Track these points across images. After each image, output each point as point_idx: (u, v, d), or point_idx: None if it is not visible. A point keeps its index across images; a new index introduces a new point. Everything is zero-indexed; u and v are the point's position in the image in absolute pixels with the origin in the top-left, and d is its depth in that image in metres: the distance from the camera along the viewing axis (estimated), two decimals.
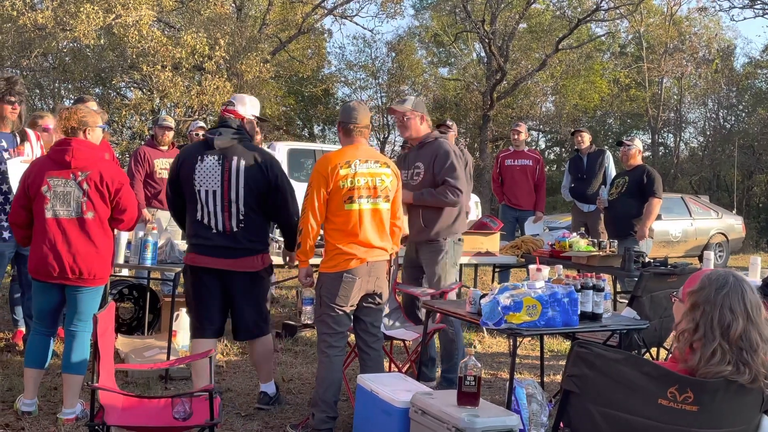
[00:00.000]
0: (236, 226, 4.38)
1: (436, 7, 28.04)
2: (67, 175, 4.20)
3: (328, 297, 4.26)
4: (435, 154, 5.16)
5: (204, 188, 4.38)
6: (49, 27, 15.73)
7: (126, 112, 17.42)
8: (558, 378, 5.66)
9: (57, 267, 4.18)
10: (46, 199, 4.18)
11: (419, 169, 5.23)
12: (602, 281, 4.14)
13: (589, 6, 24.27)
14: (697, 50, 27.52)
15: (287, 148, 12.72)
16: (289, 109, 27.79)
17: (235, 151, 4.40)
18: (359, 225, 4.24)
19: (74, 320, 4.34)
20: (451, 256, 5.28)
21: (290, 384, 5.31)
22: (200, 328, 4.52)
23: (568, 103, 27.38)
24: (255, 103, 4.69)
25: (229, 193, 4.36)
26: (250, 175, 4.38)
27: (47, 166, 4.24)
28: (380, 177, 4.32)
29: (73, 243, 4.19)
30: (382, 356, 4.51)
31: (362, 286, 4.27)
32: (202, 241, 4.42)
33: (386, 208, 4.37)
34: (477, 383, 3.32)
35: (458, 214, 5.30)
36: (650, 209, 7.21)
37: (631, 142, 7.55)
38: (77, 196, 4.20)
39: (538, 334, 4.45)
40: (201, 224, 4.41)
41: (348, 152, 4.31)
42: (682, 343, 2.50)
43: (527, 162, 8.93)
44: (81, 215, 4.21)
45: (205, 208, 4.39)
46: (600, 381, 2.55)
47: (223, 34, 17.21)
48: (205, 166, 4.38)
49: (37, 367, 4.37)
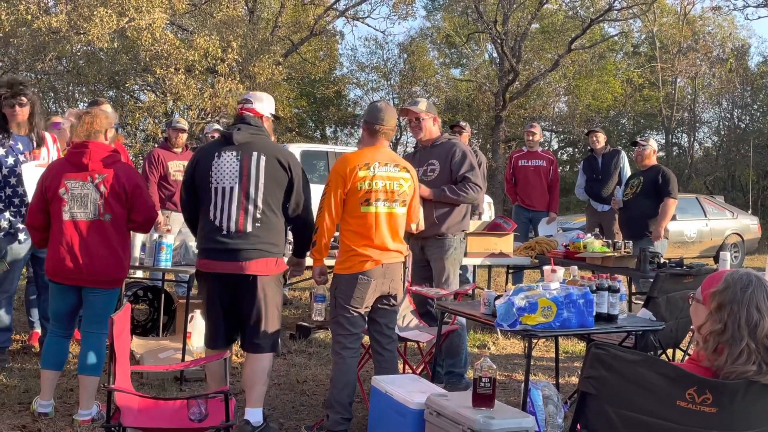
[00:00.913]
0: (251, 225, 4.09)
1: (447, 8, 28.04)
2: (84, 178, 4.23)
3: (342, 298, 4.25)
4: (451, 152, 5.27)
5: (221, 185, 4.11)
6: (63, 31, 15.83)
7: (139, 114, 17.50)
8: (573, 379, 5.63)
9: (74, 269, 4.20)
10: (64, 201, 4.21)
11: (434, 165, 5.30)
12: (617, 282, 4.12)
13: (601, 6, 24.18)
14: (711, 50, 27.37)
15: (300, 149, 12.73)
16: (301, 111, 27.84)
17: (254, 147, 4.16)
18: (375, 228, 4.23)
19: (91, 322, 4.37)
20: (459, 251, 5.36)
21: (304, 385, 5.31)
22: (212, 339, 4.28)
23: (581, 104, 27.29)
24: (271, 101, 4.51)
25: (248, 189, 4.09)
26: (271, 170, 4.14)
27: (65, 169, 4.27)
28: (398, 181, 4.31)
29: (90, 245, 4.22)
30: (396, 358, 4.50)
31: (377, 288, 4.26)
32: (212, 244, 4.12)
33: (402, 213, 4.36)
34: (492, 385, 3.30)
35: (467, 211, 5.42)
36: (665, 209, 7.17)
37: (646, 142, 7.52)
38: (94, 199, 4.22)
39: (554, 335, 4.43)
40: (212, 226, 4.11)
41: (368, 154, 4.30)
42: (710, 345, 2.46)
43: (541, 162, 8.90)
44: (98, 217, 4.24)
45: (219, 206, 4.11)
46: (617, 383, 2.53)
47: (236, 36, 17.26)
48: (223, 162, 4.13)
49: (54, 369, 4.39)
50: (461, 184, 5.21)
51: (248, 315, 4.15)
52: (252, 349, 4.17)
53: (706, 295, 2.53)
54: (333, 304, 4.33)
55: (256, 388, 4.15)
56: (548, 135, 30.21)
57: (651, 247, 7.00)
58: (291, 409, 4.79)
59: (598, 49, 25.99)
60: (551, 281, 4.03)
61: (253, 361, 4.17)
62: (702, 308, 2.54)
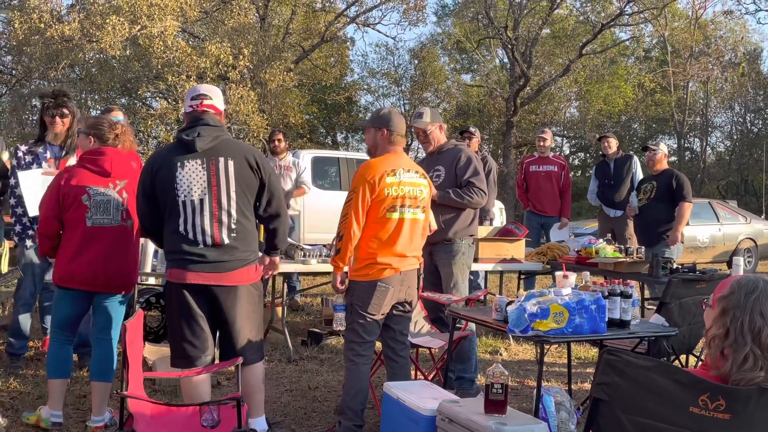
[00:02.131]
0: (227, 237, 3.84)
1: (458, 14, 28.05)
2: (106, 184, 4.26)
3: (359, 305, 4.22)
4: (456, 158, 5.34)
5: (189, 198, 3.81)
6: (76, 39, 15.96)
7: (151, 122, 17.59)
8: (585, 385, 5.61)
9: (92, 275, 4.22)
10: (87, 208, 4.21)
11: (439, 172, 5.37)
12: (630, 288, 4.10)
13: (612, 11, 24.15)
14: (722, 54, 27.28)
15: (311, 156, 12.74)
16: (312, 117, 27.90)
17: (219, 151, 3.86)
18: (398, 234, 4.21)
19: (103, 329, 4.38)
20: (467, 257, 5.37)
21: (316, 392, 5.31)
22: (188, 358, 3.89)
23: (593, 109, 27.25)
24: (222, 95, 4.18)
25: (220, 200, 3.83)
26: (241, 174, 3.87)
27: (86, 176, 4.27)
28: (420, 188, 4.32)
29: (112, 251, 4.24)
30: (409, 364, 4.49)
31: (394, 295, 4.25)
32: (186, 255, 3.82)
33: (423, 219, 4.38)
34: (504, 391, 3.29)
35: (474, 217, 5.45)
36: (682, 213, 7.15)
37: (656, 146, 7.50)
38: (117, 204, 4.26)
39: (566, 341, 4.41)
40: (185, 239, 3.83)
41: (392, 160, 4.27)
42: (713, 350, 2.47)
43: (552, 168, 8.89)
44: (121, 223, 4.27)
45: (190, 220, 3.82)
46: (630, 389, 2.52)
47: (247, 43, 17.34)
48: (188, 173, 3.82)
49: (64, 377, 4.37)
50: (466, 189, 5.27)
51: (232, 327, 3.92)
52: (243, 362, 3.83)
53: (715, 299, 2.53)
54: (349, 311, 4.30)
55: (253, 398, 4.04)
56: (559, 140, 30.18)
57: (667, 251, 6.98)
58: (303, 416, 4.79)
59: (609, 53, 25.95)
60: (563, 287, 4.02)
61: (246, 374, 3.97)
62: (711, 312, 2.54)
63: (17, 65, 21.12)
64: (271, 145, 8.40)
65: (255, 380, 4.04)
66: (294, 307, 8.40)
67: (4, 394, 4.94)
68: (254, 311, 4.01)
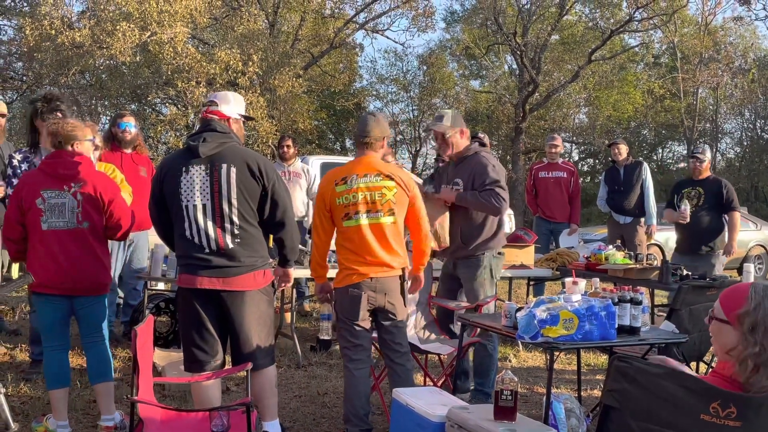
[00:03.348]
0: (232, 242, 3.87)
1: (467, 20, 28.04)
2: (60, 187, 4.21)
3: (340, 311, 4.33)
4: (474, 168, 5.13)
5: (192, 203, 3.86)
6: (86, 45, 16.04)
7: (161, 127, 17.66)
8: (594, 392, 5.59)
9: (62, 278, 4.19)
10: (41, 212, 4.19)
11: (458, 185, 5.18)
12: (640, 294, 4.09)
13: (621, 17, 24.11)
14: (732, 60, 27.18)
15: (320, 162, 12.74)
16: (321, 123, 27.94)
17: (223, 158, 3.88)
18: (361, 241, 4.22)
19: (89, 333, 4.38)
20: (489, 270, 5.22)
21: (325, 397, 5.31)
22: (197, 362, 3.94)
23: (602, 115, 27.20)
24: (240, 101, 4.20)
25: (221, 206, 3.85)
26: (242, 182, 3.87)
27: (40, 180, 4.25)
28: (380, 191, 4.25)
29: (72, 254, 4.21)
30: (410, 369, 4.44)
31: (369, 301, 4.25)
32: (194, 261, 3.88)
33: (389, 222, 4.27)
34: (514, 398, 3.29)
35: (498, 229, 5.24)
36: (734, 224, 7.12)
37: (703, 154, 7.35)
38: (72, 207, 4.22)
39: (575, 348, 4.40)
40: (191, 244, 3.89)
41: (347, 168, 4.33)
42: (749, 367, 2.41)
43: (561, 174, 8.88)
44: (76, 225, 4.23)
45: (195, 225, 3.87)
46: (641, 396, 2.51)
47: (257, 49, 17.37)
48: (192, 178, 3.87)
49: (63, 386, 4.31)
50: (485, 193, 5.01)
51: (240, 332, 3.94)
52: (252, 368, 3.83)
53: (733, 316, 2.48)
54: (336, 318, 4.41)
55: (266, 402, 4.06)
56: (568, 146, 30.11)
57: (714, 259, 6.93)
58: (312, 422, 4.79)
59: (618, 60, 25.89)
60: (573, 293, 4.01)
61: (258, 378, 4.00)
62: (729, 329, 2.48)
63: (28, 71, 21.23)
64: (280, 151, 8.42)
65: (267, 384, 4.05)
66: (302, 313, 8.41)
67: (15, 399, 4.96)
68: (263, 316, 4.01)
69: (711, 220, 7.12)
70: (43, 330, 4.37)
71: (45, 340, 4.36)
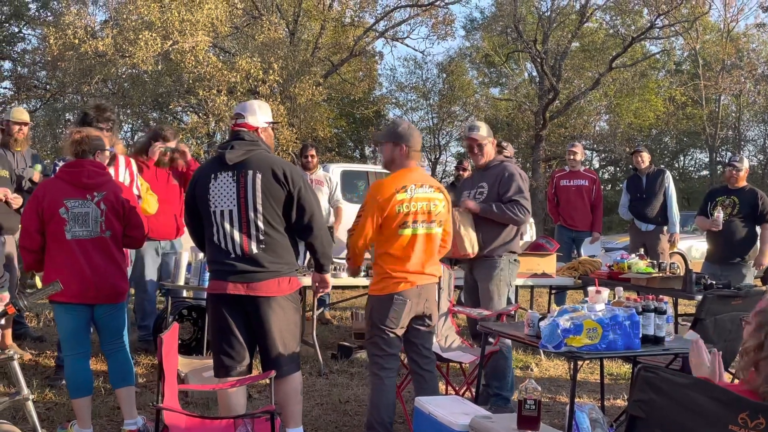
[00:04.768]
0: (256, 247, 3.91)
1: (487, 28, 28.04)
2: (83, 196, 4.25)
3: (378, 319, 4.26)
4: (500, 175, 5.30)
5: (219, 208, 3.94)
6: (109, 54, 16.23)
7: (183, 135, 17.80)
8: (617, 402, 5.56)
9: (84, 286, 4.21)
10: (65, 221, 4.20)
11: (483, 188, 5.34)
12: (664, 303, 4.06)
13: (643, 24, 24.02)
14: (755, 67, 26.96)
15: (340, 169, 12.79)
16: (341, 131, 28.05)
17: (250, 165, 3.94)
18: (411, 250, 4.23)
19: (110, 340, 4.43)
20: (506, 274, 5.30)
21: (346, 405, 5.31)
22: (224, 368, 4.00)
23: (623, 122, 27.06)
24: (265, 109, 4.24)
25: (247, 212, 3.90)
26: (268, 188, 3.91)
27: (62, 189, 4.27)
28: (434, 202, 4.32)
29: (95, 263, 4.24)
30: (436, 377, 4.48)
31: (412, 308, 4.26)
32: (219, 266, 3.97)
33: (438, 233, 4.37)
34: (537, 407, 3.28)
35: (515, 234, 5.37)
36: (767, 235, 7.01)
37: (741, 162, 7.21)
38: (95, 216, 4.25)
39: (599, 357, 4.38)
40: (219, 249, 3.96)
41: (404, 177, 4.30)
42: (745, 363, 2.45)
43: (583, 182, 8.85)
44: (99, 234, 4.27)
45: (222, 230, 3.94)
46: (667, 406, 2.50)
47: (277, 58, 17.48)
48: (219, 184, 3.95)
49: (86, 395, 4.32)
50: (509, 204, 5.21)
51: (265, 338, 3.97)
52: (277, 374, 3.88)
53: (753, 314, 2.52)
54: (368, 325, 4.34)
55: (289, 409, 4.05)
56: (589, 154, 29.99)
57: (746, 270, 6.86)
58: (334, 429, 4.80)
59: (639, 67, 25.75)
60: (596, 302, 3.99)
61: (282, 384, 4.00)
62: (749, 328, 2.52)
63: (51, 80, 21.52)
64: (303, 160, 8.42)
65: (291, 391, 4.04)
66: (324, 321, 8.42)
67: (41, 405, 5.00)
68: (289, 322, 4.03)
69: (744, 230, 6.99)
70: (65, 338, 4.39)
71: (66, 349, 4.39)
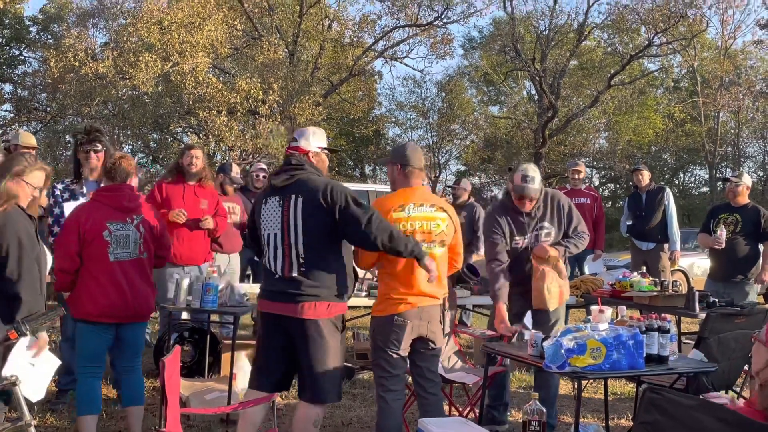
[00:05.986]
0: (296, 271, 3.94)
1: (485, 47, 28.21)
2: (124, 219, 4.41)
3: (381, 341, 4.23)
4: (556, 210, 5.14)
5: (267, 231, 4.06)
6: (109, 76, 16.31)
7: None
8: (622, 422, 5.52)
9: (122, 307, 4.35)
10: (108, 244, 4.33)
11: (546, 229, 5.13)
12: (667, 322, 4.04)
13: (641, 42, 24.13)
14: (753, 83, 27.06)
15: None
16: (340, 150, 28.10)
17: (293, 189, 4.01)
18: (410, 270, 4.17)
19: (129, 358, 4.52)
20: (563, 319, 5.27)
21: (349, 428, 5.28)
22: (255, 379, 4.13)
23: (622, 139, 27.14)
24: (320, 135, 4.32)
25: (289, 236, 3.96)
26: (307, 212, 3.94)
27: (103, 212, 4.37)
28: (435, 221, 4.26)
29: (134, 283, 4.40)
30: (441, 400, 4.43)
31: (413, 330, 4.21)
32: (269, 286, 4.07)
33: (441, 253, 4.30)
34: (542, 428, 3.26)
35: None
36: None
37: (739, 178, 7.16)
38: (135, 238, 4.42)
39: (603, 377, 4.35)
40: (268, 269, 4.08)
41: (402, 196, 4.28)
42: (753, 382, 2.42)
43: (585, 200, 8.85)
44: (138, 256, 4.44)
45: (270, 252, 4.04)
46: (673, 427, 2.48)
47: (277, 78, 17.55)
48: (268, 209, 4.08)
49: (94, 413, 4.38)
50: (579, 236, 5.17)
51: (300, 360, 3.99)
52: (303, 396, 3.97)
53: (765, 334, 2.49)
54: (372, 347, 4.31)
55: None
56: (589, 171, 30.04)
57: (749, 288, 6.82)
58: None
59: (638, 84, 25.86)
60: (599, 321, 3.97)
61: (300, 409, 4.01)
62: (763, 349, 2.48)
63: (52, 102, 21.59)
64: None
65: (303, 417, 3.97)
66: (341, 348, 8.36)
67: (41, 429, 4.97)
68: (326, 350, 3.95)
69: (747, 248, 6.94)
70: (85, 356, 4.44)
71: (83, 366, 4.44)
